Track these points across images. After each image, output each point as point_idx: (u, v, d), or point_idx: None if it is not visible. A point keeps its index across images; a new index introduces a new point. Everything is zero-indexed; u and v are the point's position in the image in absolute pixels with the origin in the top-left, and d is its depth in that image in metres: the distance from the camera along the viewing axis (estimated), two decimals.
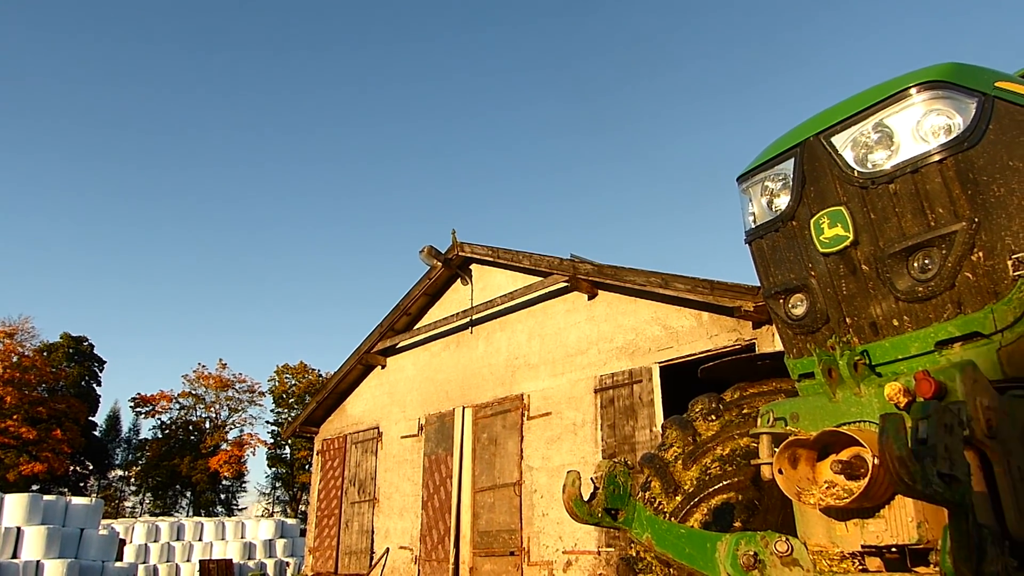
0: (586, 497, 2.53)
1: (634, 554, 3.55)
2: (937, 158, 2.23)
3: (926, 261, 2.27)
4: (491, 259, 14.66)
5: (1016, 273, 2.16)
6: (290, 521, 30.56)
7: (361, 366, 17.37)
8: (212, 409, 56.75)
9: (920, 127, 2.28)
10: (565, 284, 12.92)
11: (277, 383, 56.18)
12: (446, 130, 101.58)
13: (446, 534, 14.17)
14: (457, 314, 15.13)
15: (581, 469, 3.07)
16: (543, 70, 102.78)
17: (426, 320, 16.23)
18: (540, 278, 13.44)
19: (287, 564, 26.06)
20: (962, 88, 2.30)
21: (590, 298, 12.84)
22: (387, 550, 15.45)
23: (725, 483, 3.35)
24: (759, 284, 2.89)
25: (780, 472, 2.29)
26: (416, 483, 15.29)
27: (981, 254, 2.18)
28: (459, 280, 15.71)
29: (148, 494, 56.03)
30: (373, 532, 16.04)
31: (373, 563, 15.61)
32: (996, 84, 2.38)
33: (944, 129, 2.26)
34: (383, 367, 17.15)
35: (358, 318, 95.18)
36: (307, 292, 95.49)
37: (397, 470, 15.92)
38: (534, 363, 13.58)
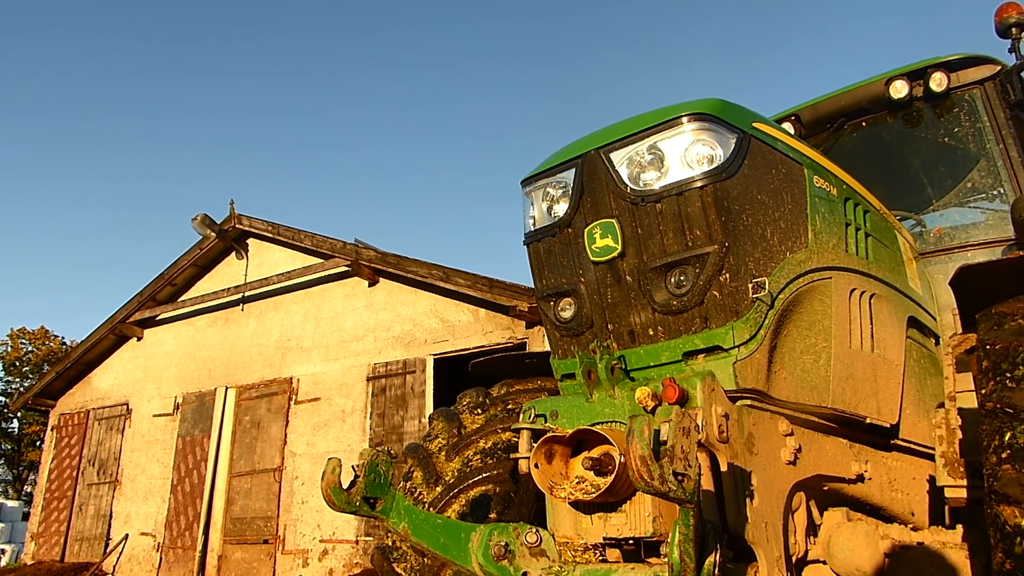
0: (346, 485, 2.48)
1: (390, 543, 3.55)
2: (699, 184, 2.42)
3: (681, 278, 2.46)
4: (270, 235, 14.05)
5: (754, 295, 2.40)
6: (11, 503, 27.33)
7: (114, 336, 15.93)
8: None
9: (687, 154, 2.47)
10: (346, 268, 12.69)
11: (10, 348, 49.86)
12: (235, 94, 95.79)
13: (195, 520, 13.38)
14: (228, 289, 14.35)
15: (348, 457, 2.99)
16: (354, 34, 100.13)
17: (193, 292, 15.23)
18: (321, 260, 13.10)
19: (2, 552, 23.21)
20: (726, 124, 2.52)
21: (371, 285, 12.71)
22: (126, 536, 14.30)
23: (485, 475, 3.44)
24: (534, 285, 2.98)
25: (536, 466, 2.38)
26: (166, 465, 14.30)
27: (728, 275, 2.40)
28: (234, 254, 14.90)
29: None
30: (111, 517, 14.78)
31: (108, 550, 14.38)
32: (754, 124, 2.63)
33: (707, 159, 2.46)
34: (139, 339, 15.86)
35: (115, 284, 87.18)
36: (54, 250, 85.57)
37: (146, 450, 14.78)
38: (307, 346, 13.20)
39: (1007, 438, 2.22)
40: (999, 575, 2.05)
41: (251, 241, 14.76)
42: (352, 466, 2.53)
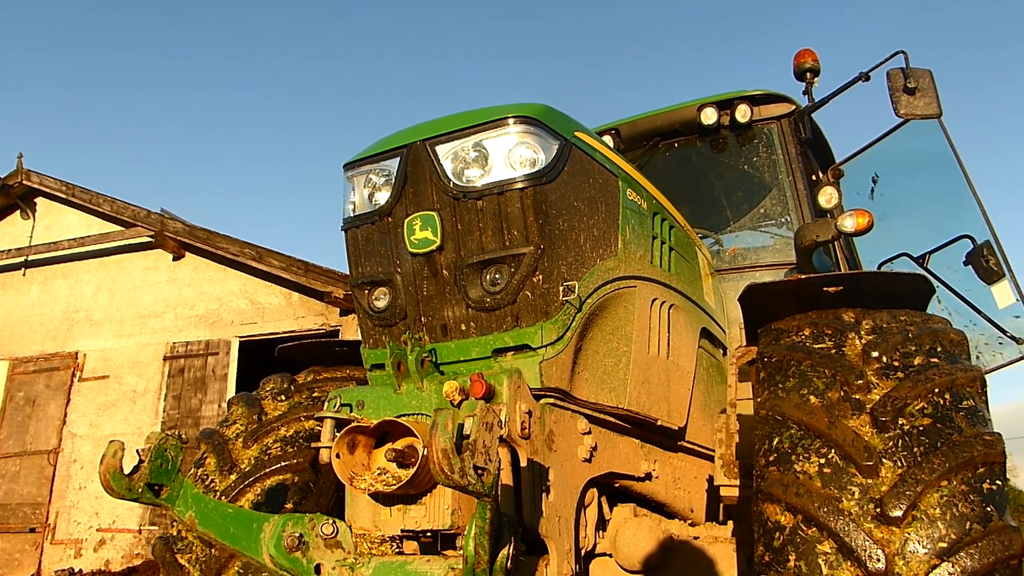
0: (129, 470, 2.31)
1: (175, 533, 3.35)
2: (520, 186, 2.47)
3: (497, 276, 2.50)
4: (64, 196, 12.83)
5: (564, 298, 2.48)
6: None
7: None
8: None
9: (511, 155, 2.51)
10: (149, 239, 11.85)
11: None
12: (37, 33, 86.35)
13: None
14: (9, 251, 12.96)
15: (137, 440, 2.79)
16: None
17: None
18: (121, 228, 12.14)
19: None
20: (550, 129, 2.59)
21: (176, 259, 11.95)
22: None
23: (283, 464, 3.32)
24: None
25: (337, 456, 2.33)
26: None
27: (541, 277, 2.47)
28: (19, 212, 13.47)
29: None
30: None
31: None
32: (576, 133, 2.72)
33: (530, 161, 2.51)
34: None
35: None
36: None
37: None
38: (98, 319, 12.19)
39: (775, 443, 2.45)
40: (759, 566, 2.26)
41: (40, 200, 13.40)
42: (137, 450, 2.36)
